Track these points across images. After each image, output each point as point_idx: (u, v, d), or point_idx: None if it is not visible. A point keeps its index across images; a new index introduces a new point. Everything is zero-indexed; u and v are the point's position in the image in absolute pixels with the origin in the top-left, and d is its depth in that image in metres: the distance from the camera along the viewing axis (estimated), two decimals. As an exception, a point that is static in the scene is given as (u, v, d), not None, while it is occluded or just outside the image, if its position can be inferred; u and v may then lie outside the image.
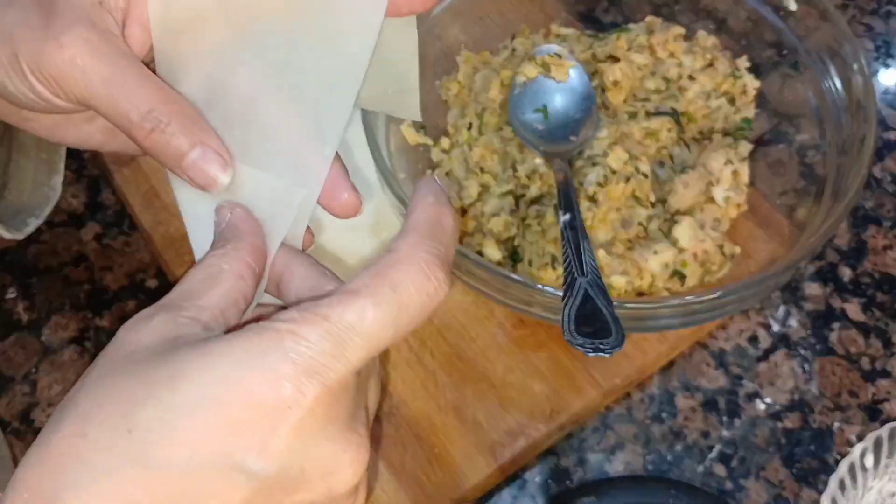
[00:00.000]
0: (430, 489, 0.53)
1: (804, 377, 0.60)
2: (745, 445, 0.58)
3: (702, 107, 0.64)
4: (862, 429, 0.58)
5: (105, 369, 0.30)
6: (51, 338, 0.63)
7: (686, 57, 0.65)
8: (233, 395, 0.28)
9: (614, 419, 0.59)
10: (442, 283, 0.31)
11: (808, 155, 0.61)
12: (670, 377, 0.60)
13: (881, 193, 0.69)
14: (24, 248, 0.67)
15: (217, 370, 0.28)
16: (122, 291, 0.65)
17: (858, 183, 0.53)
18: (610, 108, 0.64)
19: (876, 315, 0.63)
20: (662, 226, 0.59)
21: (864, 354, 0.61)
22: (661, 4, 0.70)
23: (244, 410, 0.28)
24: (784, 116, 0.64)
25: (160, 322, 0.31)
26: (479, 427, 0.56)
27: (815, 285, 0.64)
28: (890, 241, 0.67)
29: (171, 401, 0.28)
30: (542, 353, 0.58)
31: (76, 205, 0.69)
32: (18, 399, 0.60)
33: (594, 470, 0.57)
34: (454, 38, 0.68)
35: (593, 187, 0.58)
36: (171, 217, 0.64)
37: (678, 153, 0.63)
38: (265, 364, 0.28)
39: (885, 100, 0.75)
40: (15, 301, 0.64)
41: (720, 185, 0.60)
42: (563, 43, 0.68)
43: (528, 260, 0.58)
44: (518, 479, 0.57)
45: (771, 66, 0.65)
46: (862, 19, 0.80)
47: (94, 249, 0.67)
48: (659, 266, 0.57)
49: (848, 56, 0.58)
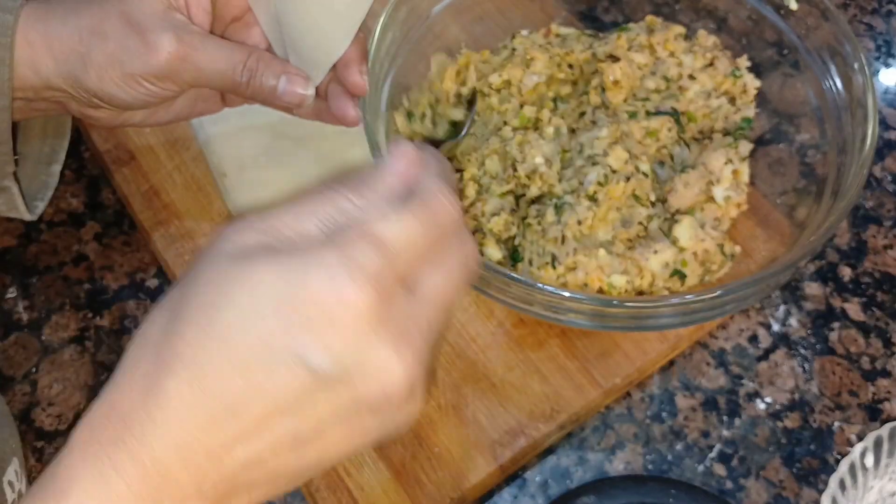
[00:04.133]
0: (430, 489, 0.53)
1: (804, 377, 0.60)
2: (745, 445, 0.58)
3: (702, 106, 0.64)
4: (862, 428, 0.58)
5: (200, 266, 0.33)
6: (51, 337, 0.63)
7: (686, 56, 0.65)
8: (298, 296, 0.31)
9: (614, 419, 0.59)
10: (459, 209, 0.35)
11: (809, 154, 0.61)
12: (670, 377, 0.60)
13: (881, 193, 0.69)
14: (24, 248, 0.67)
15: (287, 275, 0.31)
16: (122, 291, 0.65)
17: (858, 183, 0.53)
18: (610, 107, 0.64)
19: (876, 315, 0.63)
20: (662, 225, 0.59)
21: (864, 354, 0.61)
22: (662, 3, 0.69)
23: (308, 308, 0.31)
24: (784, 116, 0.64)
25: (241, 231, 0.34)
26: (479, 427, 0.56)
27: (815, 285, 0.64)
28: (890, 241, 0.67)
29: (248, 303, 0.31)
30: (542, 353, 0.58)
31: (76, 205, 0.69)
32: (19, 399, 0.60)
33: (594, 469, 0.57)
34: (454, 38, 0.68)
35: (593, 187, 0.58)
36: (171, 217, 0.64)
37: (678, 152, 0.63)
38: (326, 271, 0.31)
39: (886, 99, 0.75)
40: (15, 301, 0.64)
41: (720, 185, 0.60)
42: (563, 42, 0.68)
43: (528, 260, 0.58)
44: (518, 478, 0.57)
45: (771, 66, 0.65)
46: (862, 19, 0.80)
47: (94, 249, 0.67)
48: (659, 265, 0.57)
49: (848, 55, 0.58)
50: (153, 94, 0.50)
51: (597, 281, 0.56)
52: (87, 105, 0.51)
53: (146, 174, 0.66)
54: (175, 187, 0.66)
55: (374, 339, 0.31)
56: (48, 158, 0.58)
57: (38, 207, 0.57)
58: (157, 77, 0.49)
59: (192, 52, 0.48)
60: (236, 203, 0.64)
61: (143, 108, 0.52)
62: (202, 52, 0.48)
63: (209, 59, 0.49)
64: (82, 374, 0.61)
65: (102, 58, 0.48)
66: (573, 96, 0.66)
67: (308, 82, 0.50)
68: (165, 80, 0.49)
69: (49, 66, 0.49)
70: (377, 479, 0.54)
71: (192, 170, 0.67)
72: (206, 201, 0.65)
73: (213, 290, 0.32)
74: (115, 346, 0.62)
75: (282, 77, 0.50)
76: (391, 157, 0.36)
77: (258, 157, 0.66)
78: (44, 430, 0.59)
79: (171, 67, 0.48)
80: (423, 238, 0.33)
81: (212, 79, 0.50)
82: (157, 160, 0.67)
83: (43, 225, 0.68)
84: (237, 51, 0.49)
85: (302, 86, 0.50)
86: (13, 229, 0.67)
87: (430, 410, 0.56)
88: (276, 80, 0.50)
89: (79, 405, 0.60)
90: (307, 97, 0.51)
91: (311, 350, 0.31)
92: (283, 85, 0.50)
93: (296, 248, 0.32)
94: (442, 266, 0.34)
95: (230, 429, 0.31)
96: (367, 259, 0.31)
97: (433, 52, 0.66)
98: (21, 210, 0.55)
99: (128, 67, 0.48)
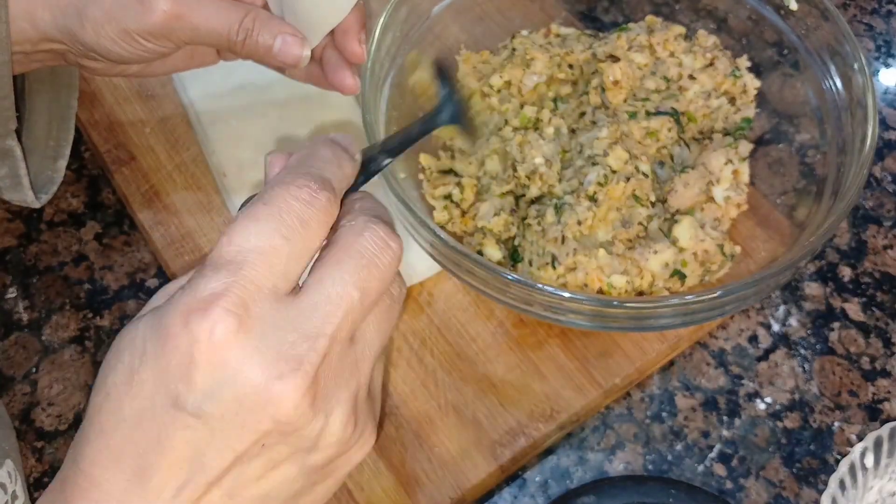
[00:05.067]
0: (430, 489, 0.53)
1: (804, 377, 0.60)
2: (745, 445, 0.58)
3: (702, 106, 0.64)
4: (862, 428, 0.58)
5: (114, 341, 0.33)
6: (51, 337, 0.63)
7: (686, 56, 0.65)
8: (158, 345, 0.30)
9: (614, 419, 0.59)
10: (316, 191, 0.32)
11: (808, 154, 0.61)
12: (670, 377, 0.60)
13: (881, 193, 0.69)
14: (24, 248, 0.67)
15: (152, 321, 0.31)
16: (122, 291, 0.65)
17: (858, 183, 0.53)
18: (610, 107, 0.64)
19: (876, 315, 0.63)
20: (662, 225, 0.59)
21: (864, 354, 0.61)
22: (662, 4, 0.69)
23: (169, 354, 0.30)
24: (784, 116, 0.64)
25: None
26: (479, 426, 0.56)
27: (815, 285, 0.64)
28: (890, 241, 0.67)
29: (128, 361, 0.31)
30: (542, 353, 0.58)
31: (76, 204, 0.69)
32: (19, 399, 0.60)
33: (594, 470, 0.57)
34: (454, 38, 0.68)
35: (593, 187, 0.58)
36: (171, 217, 0.64)
37: (678, 153, 0.63)
38: (174, 310, 0.30)
39: (886, 99, 0.75)
40: (15, 301, 0.64)
41: (720, 185, 0.60)
42: (563, 42, 0.68)
43: (528, 260, 0.58)
44: (518, 478, 0.57)
45: (771, 66, 0.65)
46: (862, 19, 0.80)
47: (94, 249, 0.67)
48: (659, 265, 0.57)
49: (848, 55, 0.58)
50: (149, 51, 0.50)
51: (597, 281, 0.56)
52: (84, 57, 0.51)
53: (146, 174, 0.66)
54: (175, 187, 0.66)
55: (244, 365, 0.30)
56: (53, 153, 0.58)
57: (42, 199, 0.57)
58: (152, 35, 0.48)
59: (187, 10, 0.48)
60: (236, 203, 0.64)
61: (139, 62, 0.52)
62: (197, 11, 0.48)
63: (204, 18, 0.48)
64: (82, 374, 0.61)
65: (98, 13, 0.48)
66: (573, 96, 0.66)
67: (305, 43, 0.50)
68: (161, 37, 0.49)
69: (46, 19, 0.49)
70: (377, 479, 0.54)
71: (192, 170, 0.67)
72: (206, 201, 0.65)
73: (111, 353, 0.32)
74: (115, 346, 0.62)
75: (278, 37, 0.49)
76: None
77: (258, 157, 0.66)
78: (44, 430, 0.59)
79: (166, 26, 0.48)
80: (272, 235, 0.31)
81: (207, 37, 0.49)
82: (157, 160, 0.67)
83: (43, 225, 0.68)
84: (233, 10, 0.49)
85: (298, 46, 0.50)
86: (13, 229, 0.67)
87: (430, 410, 0.56)
88: (273, 39, 0.49)
89: (79, 405, 0.60)
90: (303, 58, 0.50)
91: (183, 394, 0.30)
92: (279, 45, 0.50)
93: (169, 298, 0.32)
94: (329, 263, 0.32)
95: (148, 485, 0.30)
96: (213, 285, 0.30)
97: (433, 54, 0.66)
98: (24, 185, 0.55)
99: (123, 24, 0.48)
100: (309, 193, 0.32)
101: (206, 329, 0.29)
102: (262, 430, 0.31)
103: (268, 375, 0.30)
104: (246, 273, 0.30)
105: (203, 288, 0.30)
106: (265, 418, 0.30)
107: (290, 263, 0.31)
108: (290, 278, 0.31)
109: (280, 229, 0.31)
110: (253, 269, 0.30)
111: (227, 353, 0.30)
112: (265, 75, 0.55)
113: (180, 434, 0.30)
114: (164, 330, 0.30)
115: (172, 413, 0.30)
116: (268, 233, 0.31)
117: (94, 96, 0.70)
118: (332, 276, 0.32)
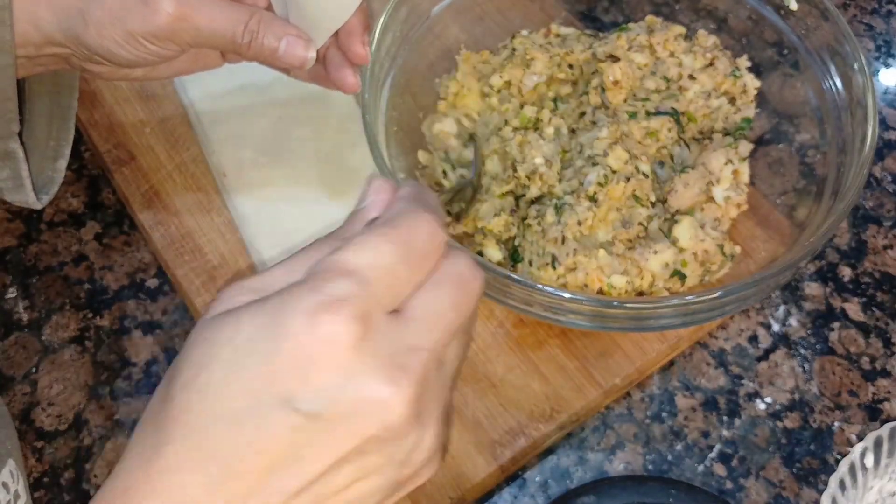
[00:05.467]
0: (430, 489, 0.53)
1: (804, 377, 0.60)
2: (745, 445, 0.58)
3: (702, 106, 0.64)
4: (862, 428, 0.58)
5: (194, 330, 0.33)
6: (51, 337, 0.63)
7: (686, 56, 0.65)
8: (277, 340, 0.30)
9: (614, 419, 0.59)
10: (437, 231, 0.33)
11: (809, 154, 0.61)
12: (670, 377, 0.60)
13: (881, 193, 0.69)
14: (24, 248, 0.67)
15: (264, 320, 0.31)
16: (122, 291, 0.65)
17: (858, 183, 0.53)
18: (610, 107, 0.64)
19: (876, 315, 0.63)
20: (662, 225, 0.59)
21: (864, 354, 0.61)
22: (662, 3, 0.69)
23: (289, 351, 0.30)
24: (784, 116, 0.64)
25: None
26: (479, 426, 0.56)
27: (815, 285, 0.64)
28: (890, 241, 0.67)
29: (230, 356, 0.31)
30: (542, 353, 0.58)
31: (76, 204, 0.69)
32: (19, 398, 0.60)
33: (594, 470, 0.57)
34: (454, 38, 0.68)
35: (593, 187, 0.58)
36: (171, 217, 0.64)
37: (678, 153, 0.63)
38: (301, 310, 0.30)
39: (886, 99, 0.75)
40: (15, 301, 0.64)
41: (720, 185, 0.60)
42: (563, 42, 0.68)
43: (528, 260, 0.58)
44: (518, 478, 0.57)
45: (771, 66, 0.65)
46: (862, 19, 0.80)
47: (94, 249, 0.67)
48: (659, 266, 0.57)
49: (848, 55, 0.58)
50: (153, 53, 0.49)
51: (597, 281, 0.56)
52: (88, 61, 0.51)
53: (146, 174, 0.66)
54: (175, 187, 0.66)
55: (363, 371, 0.30)
56: (54, 154, 0.58)
57: (43, 200, 0.58)
58: (156, 37, 0.48)
59: (191, 13, 0.48)
60: (236, 203, 0.64)
61: (143, 65, 0.52)
62: (202, 13, 0.48)
63: (209, 20, 0.48)
64: (82, 374, 0.61)
65: (102, 15, 0.48)
66: (573, 96, 0.66)
67: (309, 44, 0.50)
68: (165, 40, 0.49)
69: (50, 22, 0.48)
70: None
71: (192, 170, 0.67)
72: (206, 201, 0.65)
73: (199, 349, 0.32)
74: (115, 346, 0.62)
75: (283, 39, 0.49)
76: (364, 193, 0.36)
77: (258, 157, 0.66)
78: (44, 430, 0.59)
79: (170, 28, 0.48)
80: (399, 259, 0.32)
81: (212, 40, 0.49)
82: (157, 160, 0.67)
83: (43, 225, 0.68)
84: (238, 12, 0.49)
85: (303, 48, 0.50)
86: (13, 229, 0.67)
87: (430, 410, 0.56)
88: (278, 41, 0.49)
89: (79, 405, 0.60)
90: (308, 60, 0.50)
91: (298, 393, 0.30)
92: (284, 46, 0.49)
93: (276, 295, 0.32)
94: (430, 285, 0.33)
95: (233, 488, 0.30)
96: (341, 290, 0.30)
97: (433, 54, 0.66)
98: (27, 187, 0.55)
99: (127, 26, 0.48)
100: (435, 230, 0.33)
101: (332, 331, 0.30)
102: (367, 435, 0.31)
103: (383, 381, 0.31)
104: (373, 289, 0.31)
105: (328, 292, 0.30)
106: (374, 423, 0.31)
107: (406, 288, 0.33)
108: (399, 300, 0.33)
109: (409, 258, 0.32)
110: (379, 287, 0.31)
111: (348, 356, 0.30)
112: (265, 75, 0.55)
113: (283, 434, 0.30)
114: (282, 328, 0.30)
115: (279, 412, 0.30)
116: (397, 258, 0.32)
117: (94, 96, 0.70)
118: (435, 295, 0.33)
